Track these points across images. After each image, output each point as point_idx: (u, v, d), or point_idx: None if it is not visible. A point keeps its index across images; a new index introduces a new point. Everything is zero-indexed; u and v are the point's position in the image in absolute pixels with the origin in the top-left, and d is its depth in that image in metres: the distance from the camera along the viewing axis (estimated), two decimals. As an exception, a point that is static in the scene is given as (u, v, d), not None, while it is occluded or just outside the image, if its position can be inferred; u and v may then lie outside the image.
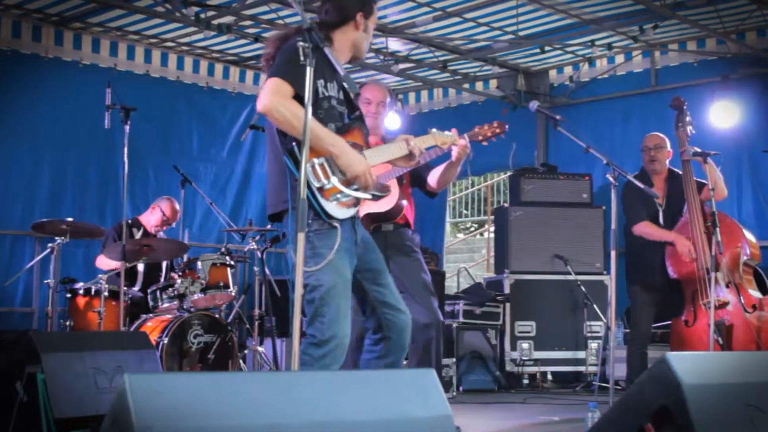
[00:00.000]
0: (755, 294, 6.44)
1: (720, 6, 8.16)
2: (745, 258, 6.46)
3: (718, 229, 6.13)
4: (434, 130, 4.72)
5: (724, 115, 8.69)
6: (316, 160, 3.74)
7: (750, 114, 8.81)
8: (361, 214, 4.95)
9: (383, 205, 5.21)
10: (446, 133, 4.73)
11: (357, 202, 3.92)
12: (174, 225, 8.02)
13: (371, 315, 4.08)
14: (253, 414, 2.26)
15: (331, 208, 3.77)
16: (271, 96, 3.67)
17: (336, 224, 3.80)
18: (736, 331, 6.26)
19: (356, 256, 3.97)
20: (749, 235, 6.59)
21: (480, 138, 4.97)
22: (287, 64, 3.72)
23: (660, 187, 6.70)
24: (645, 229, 6.59)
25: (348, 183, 3.83)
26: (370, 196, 3.94)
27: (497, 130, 4.99)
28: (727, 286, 6.36)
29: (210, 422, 2.20)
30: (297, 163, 3.63)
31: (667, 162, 6.80)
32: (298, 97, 3.65)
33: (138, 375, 2.14)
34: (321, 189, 3.75)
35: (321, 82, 3.88)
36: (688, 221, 6.49)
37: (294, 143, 3.67)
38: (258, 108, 3.72)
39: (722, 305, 6.30)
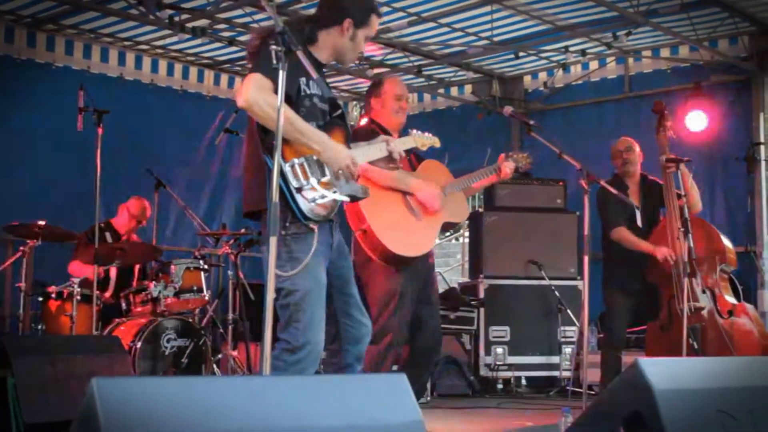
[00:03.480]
0: (730, 300, 6.47)
1: (693, 14, 8.22)
2: (722, 264, 6.50)
3: (690, 235, 6.17)
4: (415, 131, 4.75)
5: (696, 121, 8.74)
6: (296, 160, 3.70)
7: (722, 121, 8.89)
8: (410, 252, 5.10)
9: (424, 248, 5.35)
10: (426, 135, 4.79)
11: (335, 204, 3.89)
12: (145, 223, 7.96)
13: (331, 321, 4.07)
14: (223, 419, 2.24)
15: (309, 209, 3.72)
16: (253, 90, 3.61)
17: (313, 227, 3.77)
18: (711, 337, 6.29)
19: (329, 260, 3.95)
20: (726, 242, 6.61)
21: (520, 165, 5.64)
22: (265, 59, 3.62)
23: (634, 190, 6.72)
24: (623, 235, 6.57)
25: (326, 185, 3.78)
26: (348, 199, 3.90)
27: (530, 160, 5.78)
28: (704, 292, 6.39)
29: (180, 427, 2.18)
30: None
31: (639, 165, 6.82)
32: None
33: (106, 379, 2.11)
34: (299, 189, 3.70)
35: (303, 80, 3.84)
36: (665, 226, 6.50)
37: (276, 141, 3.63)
38: (238, 102, 3.66)
39: (698, 310, 6.32)
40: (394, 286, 5.12)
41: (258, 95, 3.60)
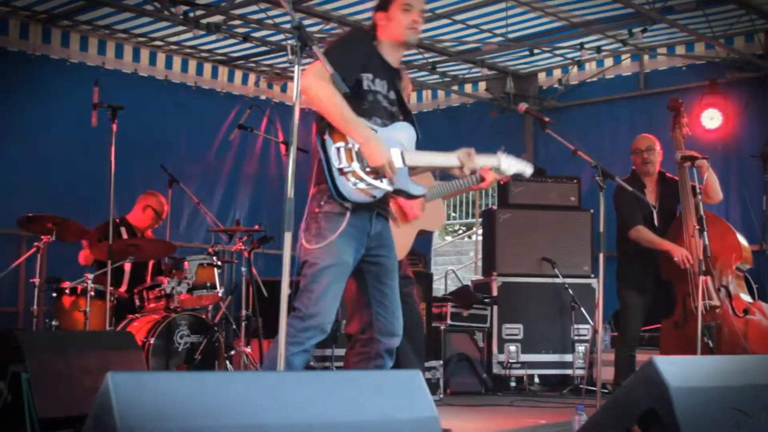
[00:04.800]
0: (746, 298, 6.44)
1: (709, 11, 8.18)
2: (738, 262, 6.46)
3: (705, 233, 6.14)
4: (503, 156, 4.62)
5: (711, 119, 8.71)
6: (342, 144, 3.85)
7: (737, 118, 8.85)
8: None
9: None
10: (517, 160, 4.64)
11: (379, 194, 3.95)
12: (164, 217, 7.98)
13: (365, 310, 4.10)
14: (237, 414, 2.24)
15: (347, 189, 3.84)
16: (310, 76, 3.83)
17: (347, 206, 3.88)
18: (726, 335, 6.26)
19: (365, 246, 4.03)
20: (742, 240, 6.58)
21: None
22: (332, 50, 3.94)
23: (652, 189, 6.69)
24: (641, 234, 6.53)
25: (372, 173, 3.88)
26: (390, 188, 3.96)
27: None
28: (718, 290, 6.36)
29: (194, 422, 2.18)
30: (326, 150, 3.84)
31: (658, 163, 6.78)
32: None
33: (121, 373, 2.11)
34: (341, 171, 3.84)
35: (369, 75, 4.03)
36: (681, 223, 6.47)
37: (326, 133, 3.86)
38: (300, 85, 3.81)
39: (713, 308, 6.30)
40: None
41: (312, 81, 3.81)
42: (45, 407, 4.61)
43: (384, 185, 3.91)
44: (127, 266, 7.55)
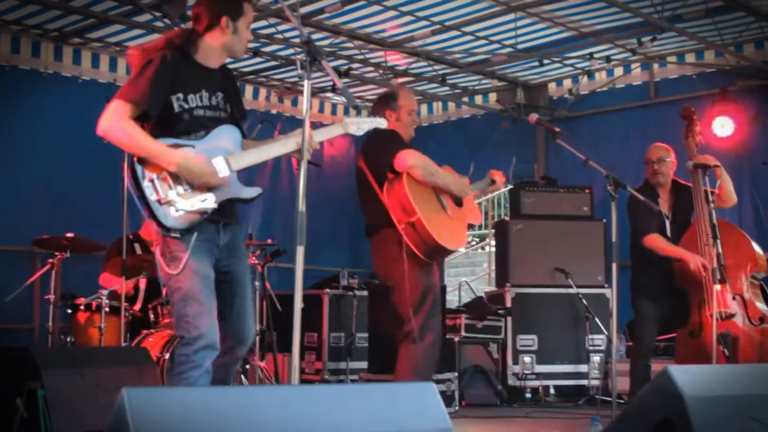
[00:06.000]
0: (761, 307, 6.40)
1: (718, 18, 8.18)
2: (753, 271, 6.43)
3: (719, 241, 6.11)
4: (346, 118, 4.41)
5: (722, 127, 8.70)
6: (155, 175, 3.76)
7: (749, 126, 8.83)
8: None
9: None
10: (365, 118, 4.51)
11: (205, 211, 3.88)
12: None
13: (223, 321, 4.08)
14: (252, 428, 2.25)
15: (170, 220, 3.77)
16: (107, 119, 3.81)
17: (176, 235, 3.80)
18: (742, 344, 6.21)
19: (216, 258, 4.00)
20: (757, 248, 6.54)
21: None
22: (128, 84, 3.89)
23: (665, 198, 6.67)
24: (656, 243, 6.50)
25: (193, 194, 3.82)
26: (215, 205, 3.89)
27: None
28: (734, 298, 6.32)
29: (209, 437, 2.19)
30: (136, 179, 3.74)
31: (672, 173, 6.76)
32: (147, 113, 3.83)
33: (136, 389, 2.12)
34: (159, 202, 3.76)
35: (179, 95, 3.92)
36: (695, 231, 6.44)
37: (137, 165, 3.76)
38: (96, 131, 3.79)
39: (729, 317, 6.26)
40: (427, 283, 5.15)
41: (110, 124, 3.79)
42: (61, 423, 4.63)
43: (208, 203, 3.86)
44: (142, 282, 7.56)
